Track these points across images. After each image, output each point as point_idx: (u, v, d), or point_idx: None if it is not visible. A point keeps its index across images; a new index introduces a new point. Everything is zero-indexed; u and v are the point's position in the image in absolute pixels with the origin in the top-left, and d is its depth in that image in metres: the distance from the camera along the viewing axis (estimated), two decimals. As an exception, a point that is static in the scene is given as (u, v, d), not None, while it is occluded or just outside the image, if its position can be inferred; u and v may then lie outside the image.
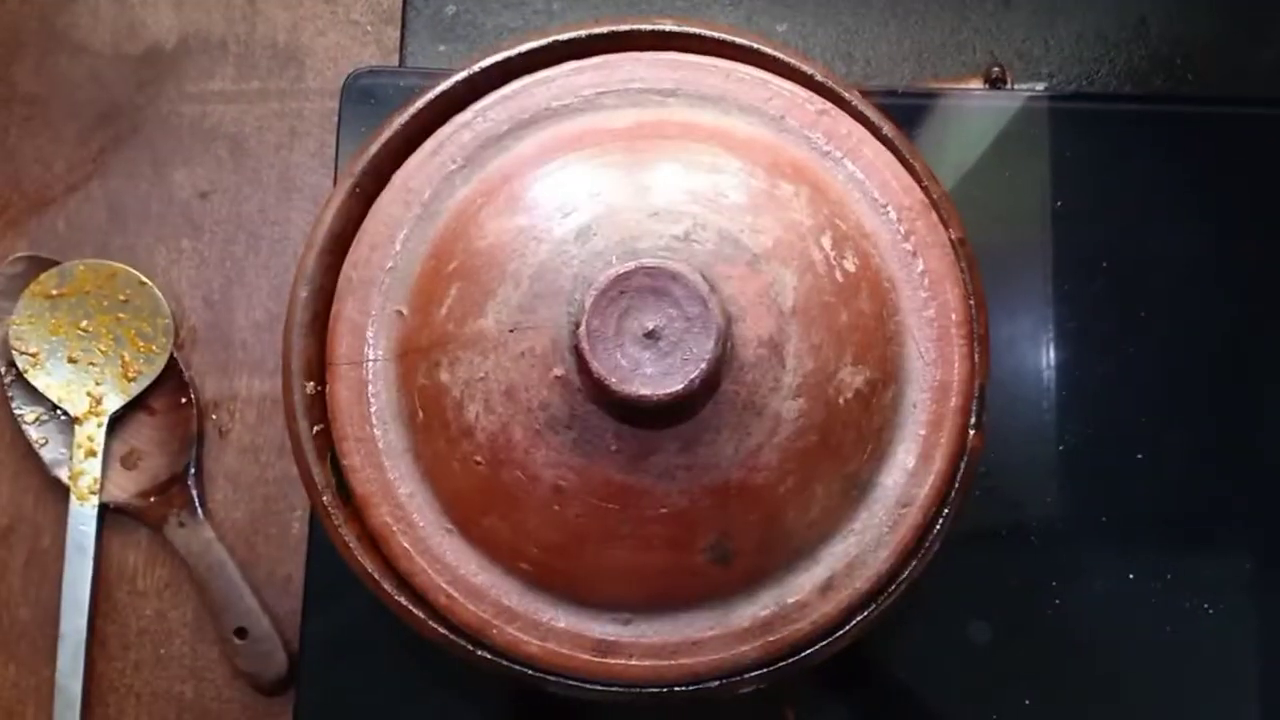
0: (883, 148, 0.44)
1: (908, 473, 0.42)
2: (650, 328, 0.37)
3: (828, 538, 0.42)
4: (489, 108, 0.44)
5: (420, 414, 0.41)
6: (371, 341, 0.43)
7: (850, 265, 0.41)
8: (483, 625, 0.42)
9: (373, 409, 0.42)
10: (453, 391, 0.40)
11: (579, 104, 0.43)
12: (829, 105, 0.44)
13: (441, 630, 0.42)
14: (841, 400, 0.40)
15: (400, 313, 0.42)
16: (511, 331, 0.39)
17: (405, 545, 0.42)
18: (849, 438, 0.41)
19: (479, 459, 0.40)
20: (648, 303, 0.37)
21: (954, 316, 0.42)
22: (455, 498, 0.42)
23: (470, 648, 0.42)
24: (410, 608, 0.42)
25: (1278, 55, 0.63)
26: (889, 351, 0.42)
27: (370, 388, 0.42)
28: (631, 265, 0.38)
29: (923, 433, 0.42)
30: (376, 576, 0.42)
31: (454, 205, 0.43)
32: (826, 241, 0.41)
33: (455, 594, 0.42)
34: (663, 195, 0.40)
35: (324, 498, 0.42)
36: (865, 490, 0.42)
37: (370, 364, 0.42)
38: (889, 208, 0.43)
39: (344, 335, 0.43)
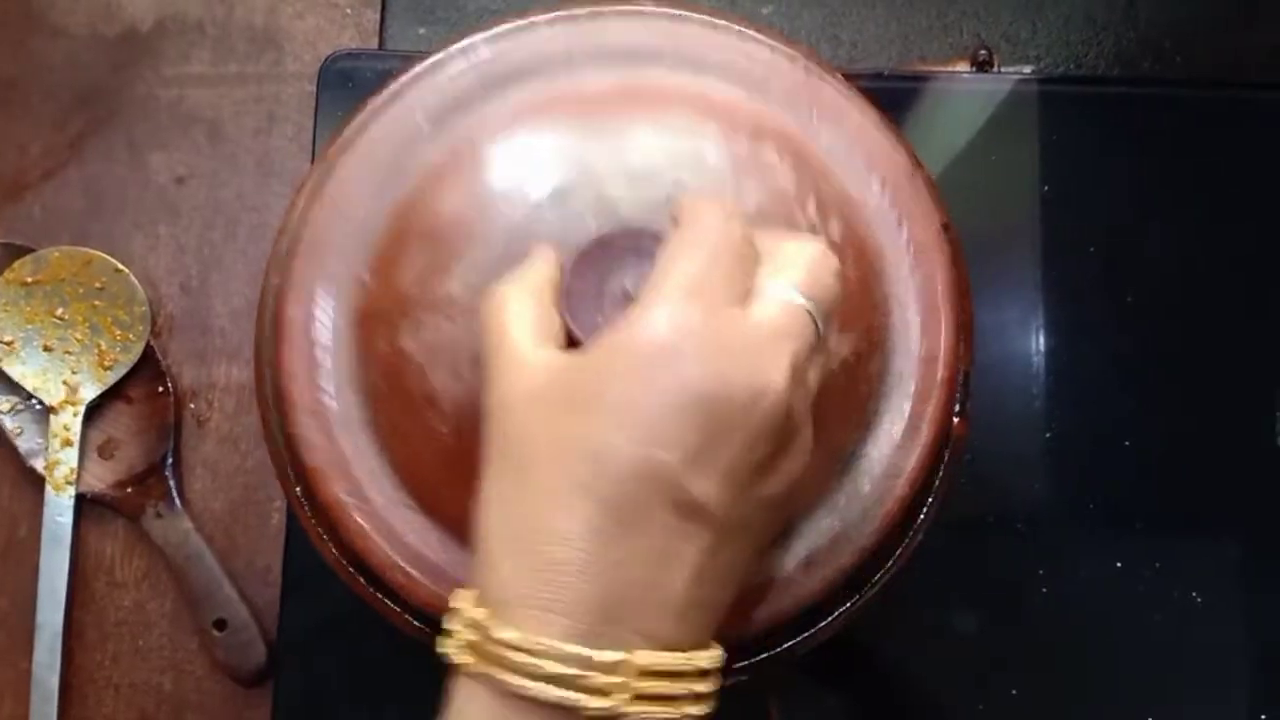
0: (866, 115, 0.43)
1: (894, 444, 0.41)
2: (631, 289, 0.36)
3: (809, 511, 0.41)
4: (461, 71, 0.43)
5: (380, 383, 0.40)
6: (324, 306, 0.41)
7: (835, 232, 0.40)
8: (443, 605, 0.40)
9: (323, 377, 0.41)
10: (416, 358, 0.39)
11: (554, 66, 0.42)
12: (812, 65, 0.43)
13: (396, 609, 0.41)
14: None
15: (361, 278, 0.41)
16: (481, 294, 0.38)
17: (360, 521, 0.40)
18: (834, 407, 0.39)
19: (443, 429, 0.39)
20: (628, 264, 0.36)
21: (940, 285, 0.42)
22: (416, 471, 0.40)
23: (429, 629, 0.40)
24: (372, 589, 0.41)
25: (1266, 38, 0.62)
26: (875, 320, 0.41)
27: (321, 354, 0.41)
28: (615, 227, 0.37)
29: (909, 404, 0.41)
30: (338, 554, 0.41)
31: (420, 168, 0.42)
32: (811, 207, 0.40)
33: (414, 572, 0.40)
34: (641, 158, 0.40)
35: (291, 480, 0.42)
36: (849, 462, 0.41)
37: (322, 328, 0.41)
38: (873, 175, 0.42)
39: (295, 302, 0.41)
